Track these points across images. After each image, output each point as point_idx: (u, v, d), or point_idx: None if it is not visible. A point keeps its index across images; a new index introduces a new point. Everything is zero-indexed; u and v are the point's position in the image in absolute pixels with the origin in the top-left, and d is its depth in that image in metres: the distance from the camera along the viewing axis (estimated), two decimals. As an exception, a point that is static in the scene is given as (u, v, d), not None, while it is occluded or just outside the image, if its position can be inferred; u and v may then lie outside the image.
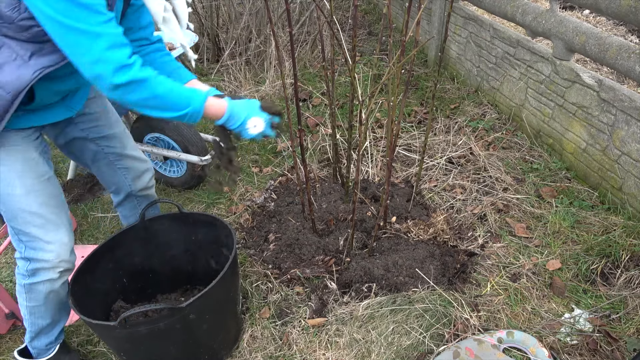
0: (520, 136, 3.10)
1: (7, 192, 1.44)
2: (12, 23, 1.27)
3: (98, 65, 1.22)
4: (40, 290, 1.56)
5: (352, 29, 1.71)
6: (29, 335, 1.69)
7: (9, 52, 1.30)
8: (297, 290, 2.08)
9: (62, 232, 1.51)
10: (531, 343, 1.74)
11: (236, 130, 1.47)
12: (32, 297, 1.58)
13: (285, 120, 1.51)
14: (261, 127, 1.47)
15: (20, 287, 1.58)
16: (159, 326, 1.49)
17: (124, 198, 1.94)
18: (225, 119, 1.43)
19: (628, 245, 2.10)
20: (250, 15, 4.26)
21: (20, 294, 1.60)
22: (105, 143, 1.77)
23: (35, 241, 1.48)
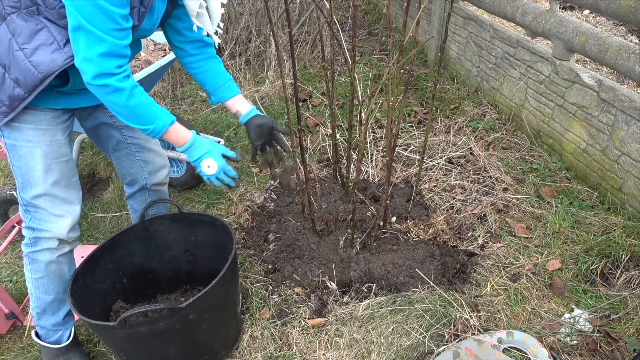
0: (520, 136, 3.10)
1: (28, 166, 1.53)
2: (53, 9, 1.36)
3: (86, 63, 1.31)
4: (41, 260, 1.62)
5: (352, 29, 1.71)
6: (35, 313, 1.72)
7: (47, 36, 1.38)
8: (297, 290, 2.08)
9: (68, 209, 1.60)
10: (531, 343, 1.74)
11: (192, 163, 1.60)
12: (35, 269, 1.64)
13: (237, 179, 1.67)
14: (213, 170, 1.59)
15: (26, 258, 1.65)
16: (159, 326, 1.49)
17: (137, 190, 1.97)
18: (184, 148, 1.56)
19: (628, 245, 2.10)
20: (250, 16, 4.26)
21: (26, 266, 1.66)
22: (129, 133, 1.82)
23: (41, 213, 1.57)
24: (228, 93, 1.77)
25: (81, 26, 1.26)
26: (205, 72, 1.74)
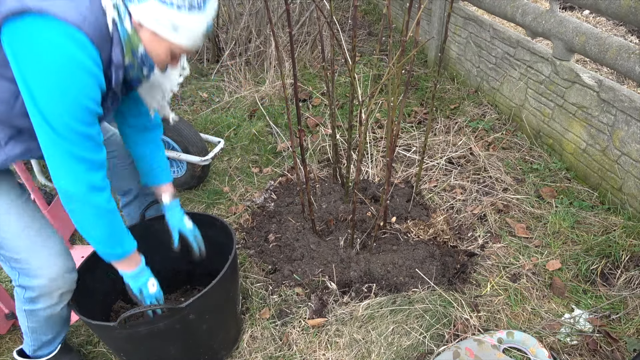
0: (520, 136, 3.10)
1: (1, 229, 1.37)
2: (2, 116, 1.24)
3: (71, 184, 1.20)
4: (41, 315, 1.53)
5: (352, 30, 1.71)
6: (31, 348, 1.67)
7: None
8: (297, 290, 2.08)
9: (52, 253, 1.42)
10: (531, 343, 1.74)
11: (138, 286, 1.49)
12: (33, 320, 1.55)
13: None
14: (155, 289, 1.52)
15: (21, 311, 1.54)
16: (159, 326, 1.49)
17: (132, 199, 1.94)
18: (135, 272, 1.47)
19: (628, 245, 2.10)
20: (250, 16, 4.26)
21: (21, 315, 1.56)
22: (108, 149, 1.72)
23: (26, 266, 1.40)
24: (160, 179, 1.69)
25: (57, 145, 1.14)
26: (141, 156, 1.64)
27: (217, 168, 3.04)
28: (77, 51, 1.07)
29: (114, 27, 1.15)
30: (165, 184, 1.71)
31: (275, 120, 3.43)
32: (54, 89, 1.08)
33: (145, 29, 1.17)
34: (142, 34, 1.19)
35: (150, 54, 1.23)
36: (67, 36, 1.06)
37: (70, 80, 1.09)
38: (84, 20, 1.08)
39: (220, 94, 3.98)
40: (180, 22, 1.16)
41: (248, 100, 3.77)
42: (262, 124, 3.41)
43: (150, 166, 1.66)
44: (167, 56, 1.25)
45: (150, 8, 1.13)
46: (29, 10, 1.04)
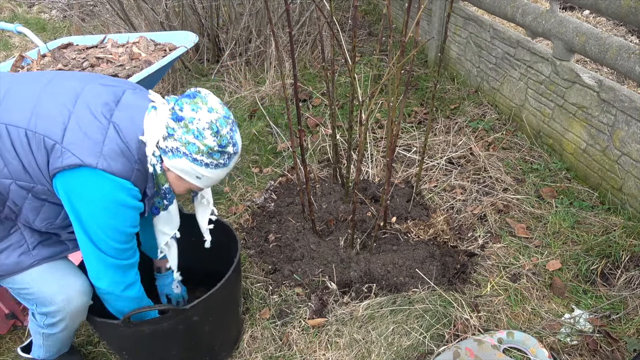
0: (520, 136, 3.10)
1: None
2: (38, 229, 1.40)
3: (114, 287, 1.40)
4: (59, 336, 1.56)
5: (352, 30, 1.71)
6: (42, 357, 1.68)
7: (18, 237, 1.39)
8: (297, 290, 2.08)
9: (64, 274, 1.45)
10: (531, 343, 1.74)
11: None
12: (50, 340, 1.59)
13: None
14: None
15: (37, 333, 1.57)
16: (163, 326, 1.50)
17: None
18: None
19: (628, 245, 2.10)
20: (250, 16, 4.26)
21: (36, 335, 1.59)
22: None
23: (41, 296, 1.43)
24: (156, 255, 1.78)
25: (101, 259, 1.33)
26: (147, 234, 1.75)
27: (217, 168, 3.03)
28: (124, 196, 1.28)
29: (151, 168, 1.35)
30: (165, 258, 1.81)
31: (275, 120, 3.43)
32: (104, 225, 1.29)
33: (172, 172, 1.37)
34: (169, 174, 1.39)
35: (172, 189, 1.44)
36: (115, 186, 1.26)
37: (117, 218, 1.29)
38: (131, 171, 1.28)
39: (220, 94, 3.98)
40: (204, 174, 1.35)
41: (248, 101, 3.77)
42: (262, 124, 3.41)
43: (153, 243, 1.74)
44: (185, 191, 1.46)
45: (181, 163, 1.32)
46: (85, 166, 1.22)
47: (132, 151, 1.28)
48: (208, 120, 1.28)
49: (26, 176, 1.26)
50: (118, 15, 4.31)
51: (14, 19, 6.35)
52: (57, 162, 1.22)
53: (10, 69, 2.60)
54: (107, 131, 1.26)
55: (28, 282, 1.41)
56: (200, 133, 1.28)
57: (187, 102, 1.30)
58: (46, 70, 1.71)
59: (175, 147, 1.29)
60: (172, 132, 1.29)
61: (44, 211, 1.34)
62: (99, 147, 1.23)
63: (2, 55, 5.34)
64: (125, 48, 2.73)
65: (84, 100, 1.29)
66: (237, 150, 1.38)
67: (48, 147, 1.22)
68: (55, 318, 1.46)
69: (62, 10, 6.73)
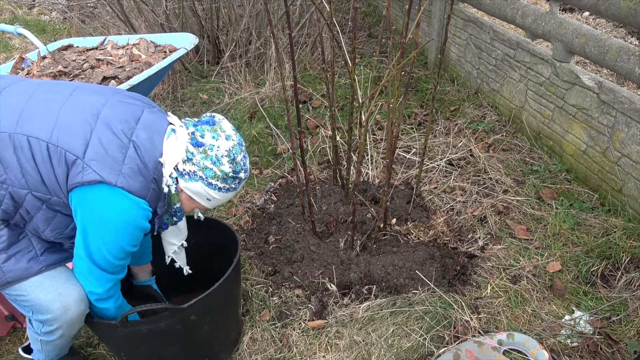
0: (520, 138, 3.10)
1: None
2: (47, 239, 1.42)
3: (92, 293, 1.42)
4: (57, 343, 1.56)
5: (352, 31, 1.72)
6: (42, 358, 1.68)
7: (26, 243, 1.40)
8: (297, 292, 2.08)
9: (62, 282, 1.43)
10: (531, 345, 1.74)
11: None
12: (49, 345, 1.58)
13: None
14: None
15: (35, 340, 1.57)
16: (160, 326, 1.49)
17: None
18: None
19: (628, 247, 2.10)
20: (250, 18, 4.27)
21: (34, 341, 1.59)
22: None
23: (39, 303, 1.41)
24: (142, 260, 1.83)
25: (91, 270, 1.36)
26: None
27: (217, 170, 3.03)
28: (137, 216, 1.31)
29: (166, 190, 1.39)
30: (144, 264, 1.85)
31: (275, 121, 3.43)
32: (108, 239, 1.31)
33: (185, 193, 1.43)
34: (181, 195, 1.44)
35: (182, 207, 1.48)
36: (132, 205, 1.29)
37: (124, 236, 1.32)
38: (147, 191, 1.32)
39: (220, 96, 3.98)
40: (216, 197, 1.42)
41: (248, 102, 3.78)
42: (262, 125, 3.41)
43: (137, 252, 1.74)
44: (191, 210, 1.53)
45: (197, 186, 1.39)
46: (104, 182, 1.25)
47: (149, 171, 1.32)
48: (226, 147, 1.36)
49: (43, 188, 1.29)
50: (118, 17, 4.32)
51: (14, 21, 6.36)
52: (77, 177, 1.25)
53: (10, 71, 2.60)
54: (128, 150, 1.30)
55: (25, 289, 1.40)
56: (219, 159, 1.35)
57: (208, 129, 1.37)
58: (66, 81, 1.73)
59: (193, 170, 1.36)
60: (192, 157, 1.35)
61: (55, 222, 1.37)
62: (119, 166, 1.27)
63: (2, 57, 5.34)
64: (125, 50, 2.73)
65: (105, 116, 1.33)
66: (247, 176, 1.45)
67: (69, 162, 1.25)
68: (52, 326, 1.46)
69: (62, 12, 6.74)
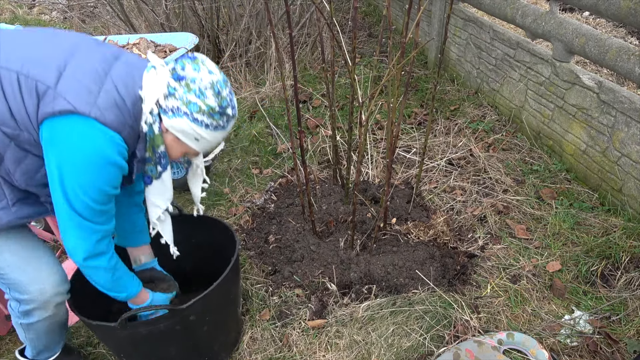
0: (520, 138, 3.10)
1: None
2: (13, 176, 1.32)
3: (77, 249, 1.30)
4: (38, 328, 1.54)
5: (352, 31, 1.72)
6: (32, 354, 1.68)
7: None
8: (297, 292, 2.08)
9: (39, 267, 1.43)
10: (531, 345, 1.74)
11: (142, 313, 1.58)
12: (31, 332, 1.56)
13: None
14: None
15: (17, 325, 1.55)
16: (159, 327, 1.49)
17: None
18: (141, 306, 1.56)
19: (628, 246, 2.10)
20: (251, 17, 4.27)
21: (18, 329, 1.57)
22: None
23: (15, 282, 1.41)
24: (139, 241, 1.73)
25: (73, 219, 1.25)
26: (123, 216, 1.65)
27: (217, 169, 3.04)
28: (112, 152, 1.21)
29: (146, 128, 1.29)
30: (143, 245, 1.75)
31: (275, 121, 3.43)
32: (83, 181, 1.21)
33: (170, 133, 1.32)
34: (166, 136, 1.33)
35: (168, 152, 1.37)
36: (106, 139, 1.19)
37: (100, 175, 1.22)
38: (124, 126, 1.23)
39: (220, 96, 3.98)
40: (203, 136, 1.31)
41: (248, 102, 3.78)
42: (262, 125, 3.41)
43: (131, 228, 1.69)
44: (180, 155, 1.40)
45: (182, 123, 1.27)
46: (77, 113, 1.16)
47: (127, 105, 1.24)
48: (209, 80, 1.26)
49: (12, 122, 1.20)
50: (118, 17, 4.32)
51: (14, 21, 6.36)
52: (47, 107, 1.16)
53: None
54: (104, 83, 1.22)
55: (4, 267, 1.39)
56: (202, 92, 1.25)
57: (189, 62, 1.27)
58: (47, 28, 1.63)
59: (176, 106, 1.26)
60: (173, 91, 1.25)
61: (25, 163, 1.28)
62: (93, 97, 1.18)
63: (2, 56, 5.33)
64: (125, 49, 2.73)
65: (81, 52, 1.25)
66: (235, 114, 1.34)
67: (40, 92, 1.17)
68: (28, 306, 1.45)
69: (62, 11, 6.74)
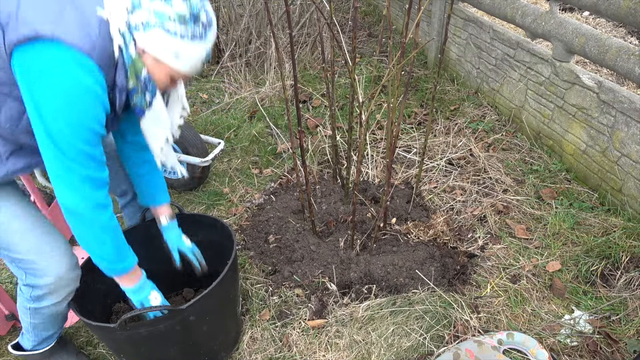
0: (520, 137, 3.10)
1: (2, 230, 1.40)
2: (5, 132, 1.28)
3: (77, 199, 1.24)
4: (45, 313, 1.56)
5: (352, 31, 1.72)
6: (31, 344, 1.69)
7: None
8: (297, 291, 2.08)
9: (58, 252, 1.46)
10: (531, 344, 1.74)
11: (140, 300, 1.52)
12: (37, 317, 1.58)
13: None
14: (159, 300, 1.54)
15: (25, 308, 1.56)
16: (159, 328, 1.49)
17: (130, 199, 1.94)
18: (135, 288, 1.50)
19: (628, 246, 2.10)
20: (250, 17, 4.27)
21: (24, 313, 1.58)
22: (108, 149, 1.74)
23: (34, 266, 1.43)
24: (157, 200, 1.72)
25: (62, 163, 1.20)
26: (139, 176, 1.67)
27: (217, 169, 3.04)
28: (85, 77, 1.13)
29: (119, 53, 1.20)
30: (162, 204, 1.73)
31: (275, 121, 3.43)
32: (62, 112, 1.14)
33: (148, 54, 1.23)
34: (145, 58, 1.24)
35: (152, 78, 1.28)
36: (76, 63, 1.11)
37: (77, 104, 1.15)
38: (93, 47, 1.14)
39: (220, 95, 3.98)
40: (182, 50, 1.21)
41: (248, 102, 3.78)
42: (262, 125, 3.41)
43: (147, 186, 1.68)
44: (167, 80, 1.31)
45: (155, 37, 1.18)
46: (41, 37, 1.08)
47: (93, 25, 1.15)
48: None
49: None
50: (118, 17, 4.30)
51: (14, 20, 6.34)
52: (12, 35, 1.10)
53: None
54: (65, 4, 1.14)
55: (27, 250, 1.41)
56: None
57: None
58: None
59: (145, 19, 1.17)
60: (138, 3, 1.16)
61: (6, 108, 1.23)
62: (55, 16, 1.12)
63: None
64: None
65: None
66: (211, 21, 1.25)
67: (3, 23, 1.11)
68: (42, 291, 1.46)
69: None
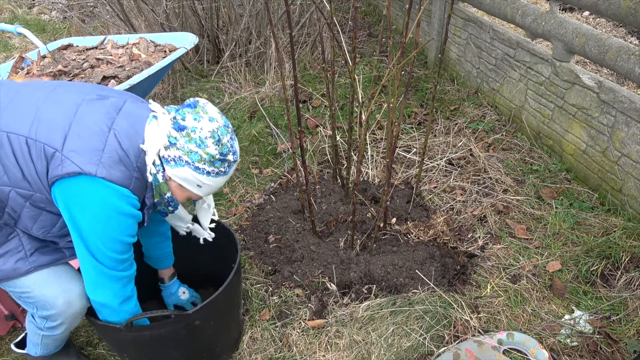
0: (520, 137, 3.10)
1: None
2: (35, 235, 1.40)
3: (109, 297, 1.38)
4: (58, 337, 1.58)
5: (352, 31, 1.72)
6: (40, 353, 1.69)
7: (16, 243, 1.40)
8: (297, 291, 2.08)
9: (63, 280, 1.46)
10: (531, 344, 1.74)
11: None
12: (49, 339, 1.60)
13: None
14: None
15: (37, 334, 1.58)
16: (165, 331, 1.50)
17: None
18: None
19: (628, 246, 2.10)
20: (251, 17, 4.26)
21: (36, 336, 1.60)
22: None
23: (42, 299, 1.44)
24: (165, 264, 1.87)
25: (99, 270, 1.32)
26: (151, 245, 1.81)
27: (217, 169, 3.03)
28: (122, 204, 1.27)
29: (150, 176, 1.35)
30: (168, 268, 1.89)
31: (275, 121, 3.43)
32: (100, 234, 1.28)
33: (174, 181, 1.38)
34: (170, 183, 1.39)
35: (174, 197, 1.44)
36: (114, 194, 1.25)
37: (113, 226, 1.28)
38: (129, 178, 1.28)
39: (220, 95, 3.98)
40: (206, 182, 1.36)
41: (248, 102, 3.78)
42: (262, 125, 3.41)
43: (156, 253, 1.82)
44: (185, 200, 1.47)
45: (184, 172, 1.33)
46: (85, 174, 1.22)
47: (131, 159, 1.29)
48: (210, 129, 1.30)
49: (25, 184, 1.27)
50: (118, 17, 4.31)
51: (14, 20, 6.35)
52: (56, 170, 1.22)
53: (10, 70, 2.60)
54: (107, 139, 1.27)
55: (29, 285, 1.42)
56: (203, 142, 1.29)
57: (189, 111, 1.31)
58: (49, 81, 1.74)
59: (178, 155, 1.31)
60: (175, 142, 1.30)
61: (41, 219, 1.35)
62: (98, 155, 1.24)
63: (2, 56, 5.34)
64: (125, 49, 2.73)
65: (84, 110, 1.30)
66: (237, 159, 1.39)
67: (48, 155, 1.23)
68: (55, 321, 1.48)
69: (62, 11, 6.74)
